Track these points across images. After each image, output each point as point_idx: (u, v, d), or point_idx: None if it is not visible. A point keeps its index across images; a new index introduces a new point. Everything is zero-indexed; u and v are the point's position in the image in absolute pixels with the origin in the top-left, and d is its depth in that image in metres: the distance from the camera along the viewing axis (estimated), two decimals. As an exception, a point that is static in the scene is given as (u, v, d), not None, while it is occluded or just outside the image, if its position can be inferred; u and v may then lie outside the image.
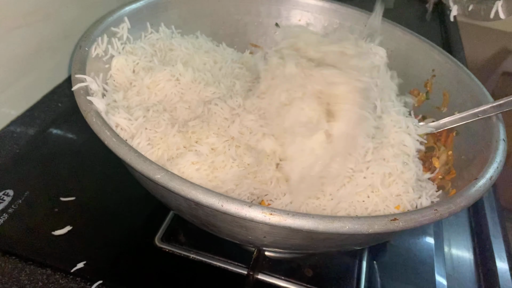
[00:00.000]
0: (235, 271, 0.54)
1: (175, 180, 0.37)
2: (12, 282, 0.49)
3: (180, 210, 0.46)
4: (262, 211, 0.36)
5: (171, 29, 0.70)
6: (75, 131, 0.72)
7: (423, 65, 0.70)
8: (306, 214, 0.36)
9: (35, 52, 0.71)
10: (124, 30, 0.61)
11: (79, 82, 0.48)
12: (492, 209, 0.68)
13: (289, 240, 0.42)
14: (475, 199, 0.43)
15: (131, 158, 0.39)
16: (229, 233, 0.45)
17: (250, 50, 0.78)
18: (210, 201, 0.36)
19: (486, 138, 0.53)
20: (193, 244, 0.56)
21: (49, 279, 0.50)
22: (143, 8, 0.65)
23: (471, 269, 0.60)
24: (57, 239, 0.54)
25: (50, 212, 0.57)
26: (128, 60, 0.59)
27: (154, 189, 0.45)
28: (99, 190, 0.62)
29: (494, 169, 0.46)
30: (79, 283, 0.50)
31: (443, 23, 1.31)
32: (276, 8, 0.81)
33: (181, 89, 0.59)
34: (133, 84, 0.58)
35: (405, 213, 0.39)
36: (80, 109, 0.45)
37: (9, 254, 0.52)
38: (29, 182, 0.61)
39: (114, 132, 0.42)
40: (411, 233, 0.63)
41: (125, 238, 0.56)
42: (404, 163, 0.54)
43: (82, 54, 0.52)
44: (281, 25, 0.82)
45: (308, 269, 0.55)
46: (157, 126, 0.52)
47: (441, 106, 0.66)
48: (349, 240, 0.44)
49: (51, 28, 0.73)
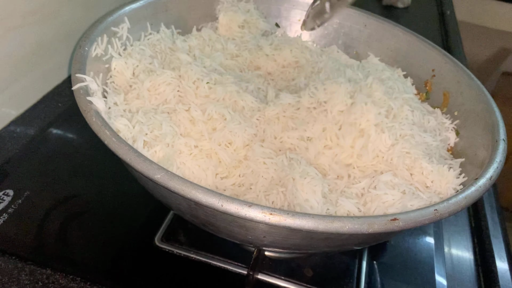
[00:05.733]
0: (235, 271, 0.54)
1: (175, 180, 0.37)
2: (12, 282, 0.49)
3: (180, 210, 0.46)
4: (262, 211, 0.36)
5: (171, 29, 0.70)
6: (75, 131, 0.72)
7: (423, 65, 0.70)
8: (306, 214, 0.36)
9: (35, 52, 0.71)
10: (124, 30, 0.61)
11: (79, 82, 0.48)
12: (492, 209, 0.68)
13: (289, 240, 0.42)
14: (475, 199, 0.43)
15: (131, 158, 0.39)
16: (229, 233, 0.45)
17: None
18: (210, 201, 0.36)
19: (486, 138, 0.53)
20: (193, 244, 0.56)
21: (49, 279, 0.50)
22: (143, 8, 0.65)
23: (471, 269, 0.60)
24: (57, 239, 0.54)
25: (50, 212, 0.57)
26: (128, 63, 0.59)
27: (154, 189, 0.45)
28: (99, 190, 0.62)
29: (494, 169, 0.46)
30: (79, 283, 0.50)
31: (443, 23, 1.31)
32: (276, 8, 0.81)
33: (181, 92, 0.58)
34: (133, 87, 0.58)
35: (405, 213, 0.39)
36: (80, 109, 0.45)
37: (9, 254, 0.52)
38: (29, 182, 0.61)
39: (114, 132, 0.42)
40: (411, 233, 0.63)
41: (125, 238, 0.56)
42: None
43: (82, 54, 0.52)
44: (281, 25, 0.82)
45: (308, 269, 0.55)
46: (158, 129, 0.52)
47: (441, 106, 0.66)
48: (349, 240, 0.44)
49: (51, 28, 0.73)
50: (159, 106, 0.56)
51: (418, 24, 1.21)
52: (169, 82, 0.58)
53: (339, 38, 0.81)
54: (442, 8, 1.40)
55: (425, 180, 0.52)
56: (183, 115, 0.55)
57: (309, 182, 0.48)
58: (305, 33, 0.82)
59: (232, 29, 0.76)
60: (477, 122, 0.57)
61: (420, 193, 0.49)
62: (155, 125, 0.52)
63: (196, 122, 0.55)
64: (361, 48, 0.79)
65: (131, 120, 0.51)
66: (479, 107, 0.58)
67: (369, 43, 0.78)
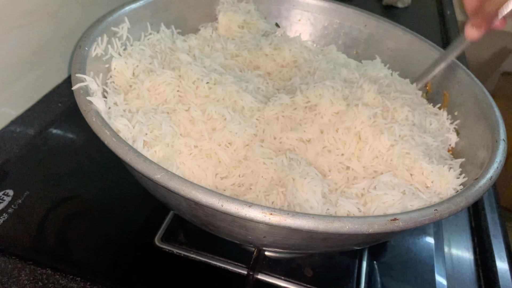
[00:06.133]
0: (235, 271, 0.54)
1: (175, 180, 0.37)
2: (12, 282, 0.49)
3: (180, 210, 0.46)
4: (262, 211, 0.36)
5: (171, 29, 0.70)
6: (75, 131, 0.72)
7: (423, 65, 0.70)
8: (306, 214, 0.36)
9: (35, 52, 0.71)
10: (124, 30, 0.61)
11: (79, 82, 0.48)
12: (492, 209, 0.68)
13: (289, 240, 0.42)
14: (475, 199, 0.43)
15: (131, 158, 0.39)
16: (229, 233, 0.45)
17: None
18: (210, 201, 0.36)
19: (486, 138, 0.53)
20: (193, 244, 0.56)
21: (49, 279, 0.50)
22: (143, 8, 0.65)
23: (471, 269, 0.60)
24: (57, 239, 0.54)
25: (50, 212, 0.57)
26: (128, 63, 0.59)
27: (154, 189, 0.45)
28: (99, 190, 0.62)
29: (494, 169, 0.46)
30: (79, 283, 0.50)
31: (443, 23, 1.31)
32: (276, 8, 0.81)
33: (181, 92, 0.58)
34: (133, 87, 0.58)
35: (405, 213, 0.39)
36: (80, 109, 0.45)
37: (9, 254, 0.52)
38: (29, 182, 0.61)
39: (114, 132, 0.42)
40: (411, 233, 0.63)
41: (125, 238, 0.56)
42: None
43: (82, 54, 0.52)
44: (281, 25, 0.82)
45: (308, 269, 0.55)
46: (158, 129, 0.52)
47: (441, 106, 0.66)
48: (349, 240, 0.44)
49: (51, 28, 0.73)
50: (159, 106, 0.56)
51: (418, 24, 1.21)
52: (169, 82, 0.58)
53: (339, 38, 0.81)
54: (442, 8, 1.40)
55: (425, 181, 0.52)
56: (183, 115, 0.55)
57: (309, 182, 0.48)
58: (305, 33, 0.82)
59: (232, 29, 0.76)
60: (477, 122, 0.57)
61: (420, 194, 0.49)
62: (155, 125, 0.52)
63: (196, 122, 0.55)
64: (361, 48, 0.79)
65: (131, 120, 0.51)
66: (479, 107, 0.58)
67: (369, 43, 0.78)
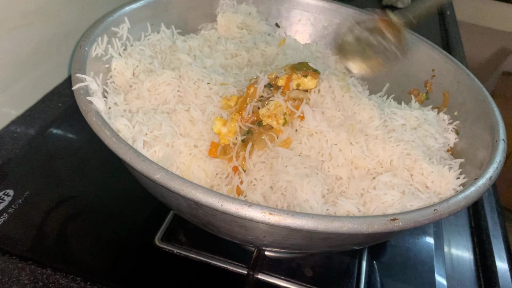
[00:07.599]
0: (235, 271, 0.54)
1: (175, 180, 0.38)
2: (12, 282, 0.49)
3: (180, 210, 0.46)
4: (261, 210, 0.36)
5: (171, 29, 0.70)
6: (75, 131, 0.72)
7: (423, 65, 0.70)
8: (306, 214, 0.36)
9: (35, 52, 0.71)
10: (124, 30, 0.61)
11: (79, 82, 0.48)
12: (492, 209, 0.68)
13: (289, 239, 0.42)
14: (475, 199, 0.43)
15: (131, 157, 0.39)
16: (228, 233, 0.45)
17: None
18: (210, 201, 0.37)
19: (485, 138, 0.53)
20: (193, 244, 0.56)
21: (49, 279, 0.50)
22: (143, 8, 0.65)
23: (471, 269, 0.60)
24: (57, 239, 0.54)
25: (50, 212, 0.57)
26: (128, 63, 0.59)
27: (154, 188, 0.45)
28: (99, 190, 0.62)
29: (493, 169, 0.46)
30: (79, 283, 0.50)
31: (443, 23, 1.31)
32: (276, 8, 0.81)
33: (181, 93, 0.58)
34: (133, 87, 0.58)
35: (405, 213, 0.39)
36: (80, 109, 0.45)
37: (9, 254, 0.52)
38: (29, 182, 0.61)
39: (114, 132, 0.42)
40: (411, 233, 0.63)
41: (125, 238, 0.56)
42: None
43: (82, 54, 0.52)
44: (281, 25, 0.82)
45: (308, 269, 0.55)
46: (158, 129, 0.52)
47: (441, 106, 0.66)
48: (349, 240, 0.44)
49: (51, 28, 0.73)
50: (159, 106, 0.56)
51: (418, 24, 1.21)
52: (169, 82, 0.58)
53: (339, 38, 0.80)
54: (442, 8, 1.40)
55: (425, 181, 0.52)
56: (183, 115, 0.55)
57: (309, 183, 0.48)
58: (305, 33, 0.82)
59: (231, 30, 0.76)
60: (477, 122, 0.57)
61: (420, 194, 0.49)
62: (155, 125, 0.52)
63: (196, 122, 0.55)
64: (361, 48, 0.79)
65: (131, 120, 0.51)
66: (479, 107, 0.58)
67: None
